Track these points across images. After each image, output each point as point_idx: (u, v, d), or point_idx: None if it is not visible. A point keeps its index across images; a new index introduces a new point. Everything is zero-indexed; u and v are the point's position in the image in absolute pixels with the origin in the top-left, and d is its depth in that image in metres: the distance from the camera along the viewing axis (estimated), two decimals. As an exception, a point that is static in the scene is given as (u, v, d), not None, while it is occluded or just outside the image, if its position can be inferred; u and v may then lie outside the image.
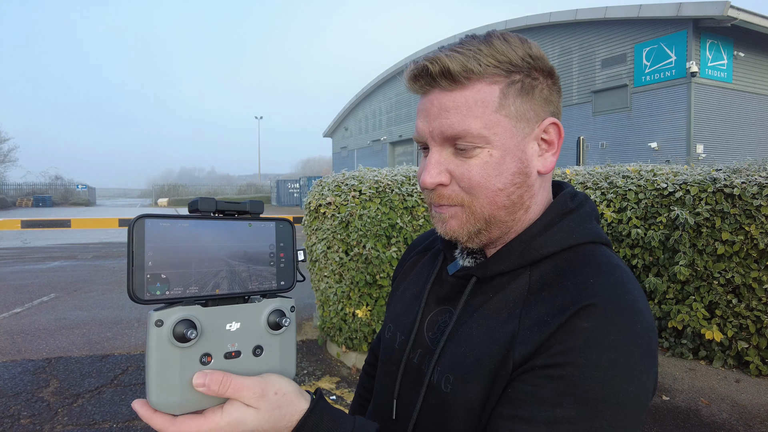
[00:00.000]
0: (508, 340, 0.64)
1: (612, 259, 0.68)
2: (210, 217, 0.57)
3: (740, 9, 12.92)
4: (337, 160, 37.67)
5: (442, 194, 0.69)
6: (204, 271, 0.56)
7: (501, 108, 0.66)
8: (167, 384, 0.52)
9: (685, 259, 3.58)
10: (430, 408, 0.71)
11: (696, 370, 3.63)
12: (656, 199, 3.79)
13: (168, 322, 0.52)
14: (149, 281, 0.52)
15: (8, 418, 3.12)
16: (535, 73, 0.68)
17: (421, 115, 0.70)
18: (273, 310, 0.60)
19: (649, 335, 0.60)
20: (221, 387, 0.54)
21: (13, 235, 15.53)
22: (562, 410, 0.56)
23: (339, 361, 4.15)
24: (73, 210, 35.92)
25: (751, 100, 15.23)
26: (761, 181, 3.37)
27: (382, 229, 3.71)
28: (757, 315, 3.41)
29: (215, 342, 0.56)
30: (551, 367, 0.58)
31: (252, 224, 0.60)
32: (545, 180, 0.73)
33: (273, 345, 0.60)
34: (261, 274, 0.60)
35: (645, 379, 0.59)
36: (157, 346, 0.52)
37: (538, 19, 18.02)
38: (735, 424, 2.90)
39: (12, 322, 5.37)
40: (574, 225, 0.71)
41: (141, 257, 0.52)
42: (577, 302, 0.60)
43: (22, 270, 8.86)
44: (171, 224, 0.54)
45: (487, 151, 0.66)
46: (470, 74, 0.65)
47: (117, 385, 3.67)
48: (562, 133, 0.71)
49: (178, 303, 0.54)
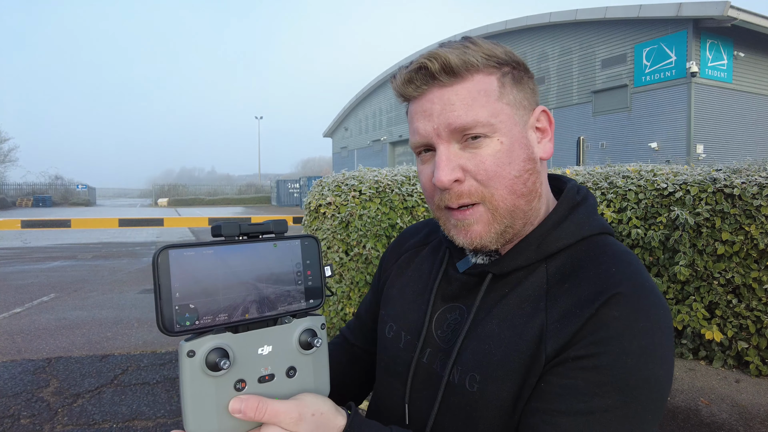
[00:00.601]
0: (537, 334, 0.64)
1: (622, 247, 0.70)
2: (234, 241, 0.57)
3: (740, 9, 12.92)
4: (337, 160, 37.68)
5: (461, 192, 0.68)
6: (232, 297, 0.55)
7: (502, 96, 0.67)
8: (204, 413, 0.52)
9: (685, 259, 3.58)
10: (450, 409, 0.70)
11: (696, 370, 3.63)
12: (656, 200, 3.79)
13: (200, 352, 0.52)
14: (178, 313, 0.52)
15: (8, 418, 3.12)
16: (518, 65, 0.71)
17: (420, 116, 0.69)
18: (304, 330, 0.60)
19: (668, 319, 0.63)
20: (257, 413, 0.53)
21: (13, 235, 15.53)
22: (599, 400, 0.57)
23: (339, 361, 4.15)
24: (73, 210, 35.92)
25: (751, 100, 15.23)
26: (761, 181, 3.37)
27: (382, 229, 3.71)
28: (757, 315, 3.41)
29: (248, 367, 0.55)
30: (585, 359, 0.59)
31: (277, 244, 0.59)
32: (544, 167, 0.75)
33: (306, 365, 0.60)
34: (289, 294, 0.60)
35: (670, 359, 0.61)
36: (191, 377, 0.52)
37: (538, 19, 18.02)
38: (735, 425, 2.90)
39: (12, 322, 5.37)
40: (585, 217, 0.73)
41: (168, 289, 0.51)
42: (604, 292, 0.61)
43: (22, 270, 8.86)
44: (195, 253, 0.53)
45: (497, 140, 0.66)
46: (469, 67, 0.66)
47: (117, 385, 3.67)
48: (552, 119, 0.73)
49: (209, 331, 0.53)
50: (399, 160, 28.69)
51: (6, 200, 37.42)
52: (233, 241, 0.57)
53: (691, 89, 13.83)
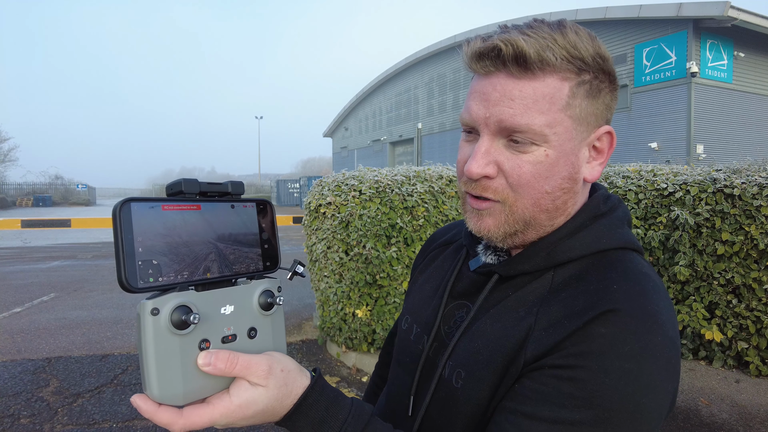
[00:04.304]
0: (521, 337, 0.62)
1: (641, 267, 0.65)
2: (194, 199, 0.56)
3: (740, 9, 12.91)
4: (337, 160, 37.67)
5: (487, 186, 0.65)
6: (194, 255, 0.54)
7: (568, 107, 0.62)
8: (169, 374, 0.51)
9: (685, 259, 3.58)
10: (438, 402, 0.70)
11: (696, 370, 3.63)
12: (656, 200, 3.79)
13: (165, 310, 0.50)
14: (141, 268, 0.49)
15: (8, 418, 3.12)
16: (602, 75, 0.64)
17: (477, 97, 0.64)
18: (263, 291, 0.60)
19: (669, 349, 0.57)
20: (228, 365, 0.52)
21: (13, 235, 15.53)
22: (567, 412, 0.55)
23: (339, 361, 4.15)
24: (73, 210, 35.91)
25: (752, 100, 15.22)
26: (761, 182, 3.37)
27: (382, 229, 3.71)
28: (757, 315, 3.41)
29: (212, 326, 0.54)
30: (562, 368, 0.57)
31: (234, 206, 0.59)
32: (586, 188, 0.70)
33: (266, 326, 0.60)
34: (247, 256, 0.59)
35: (661, 392, 0.56)
36: (155, 336, 0.50)
37: (538, 19, 18.01)
38: (735, 425, 2.90)
39: (12, 322, 5.37)
40: (605, 229, 0.68)
41: (130, 244, 0.49)
42: (597, 307, 0.59)
43: (22, 270, 8.85)
44: (157, 207, 0.52)
45: (543, 150, 0.62)
46: (544, 65, 0.60)
47: (117, 385, 3.67)
48: (614, 143, 0.68)
49: (172, 289, 0.52)
50: (399, 160, 28.68)
51: (6, 200, 37.41)
52: (193, 199, 0.56)
53: (691, 89, 13.82)
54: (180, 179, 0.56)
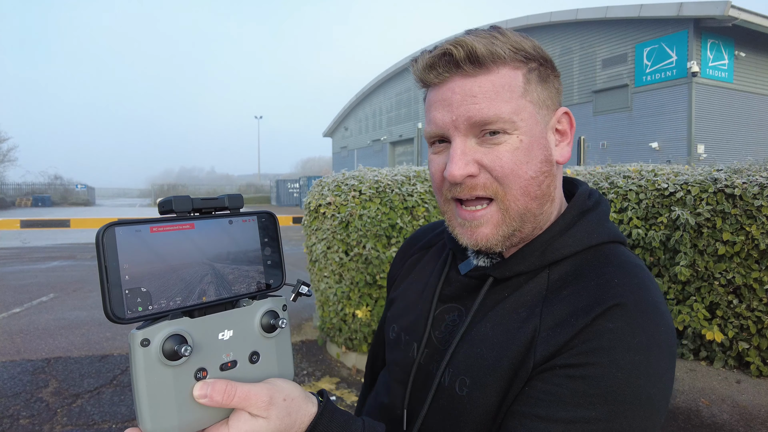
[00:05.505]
0: (528, 339, 0.62)
1: (632, 258, 0.68)
2: (187, 218, 0.52)
3: (741, 9, 12.91)
4: (337, 160, 37.66)
5: (475, 184, 0.65)
6: (187, 279, 0.50)
7: (526, 93, 0.65)
8: (162, 408, 0.48)
9: (686, 259, 3.57)
10: (439, 411, 0.69)
11: (696, 370, 3.62)
12: (657, 200, 3.78)
13: (155, 341, 0.47)
14: (128, 297, 0.46)
15: (7, 418, 3.11)
16: (546, 62, 0.68)
17: (439, 105, 0.66)
18: (266, 312, 0.56)
19: (670, 338, 0.60)
20: (225, 396, 0.49)
21: (12, 235, 15.52)
22: (582, 410, 0.55)
23: (339, 362, 4.14)
24: (73, 210, 35.91)
25: (752, 100, 15.22)
26: (762, 182, 3.36)
27: (382, 229, 3.70)
28: (758, 315, 3.40)
29: (209, 354, 0.51)
30: (573, 367, 0.57)
31: (232, 221, 0.55)
32: (560, 171, 0.73)
33: (269, 349, 0.56)
34: (248, 275, 0.56)
35: (666, 381, 0.58)
36: (146, 368, 0.47)
37: (538, 18, 18.00)
38: (735, 425, 2.90)
39: (11, 322, 5.36)
40: (595, 224, 0.70)
41: (116, 271, 0.46)
42: (602, 303, 0.59)
43: (22, 270, 8.85)
44: (144, 230, 0.48)
45: (516, 137, 0.64)
46: (496, 58, 0.63)
47: (116, 386, 3.66)
48: (573, 122, 0.71)
49: (163, 317, 0.49)
50: (399, 160, 28.67)
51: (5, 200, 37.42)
52: (185, 218, 0.52)
53: (692, 89, 13.82)
54: (170, 197, 0.52)
